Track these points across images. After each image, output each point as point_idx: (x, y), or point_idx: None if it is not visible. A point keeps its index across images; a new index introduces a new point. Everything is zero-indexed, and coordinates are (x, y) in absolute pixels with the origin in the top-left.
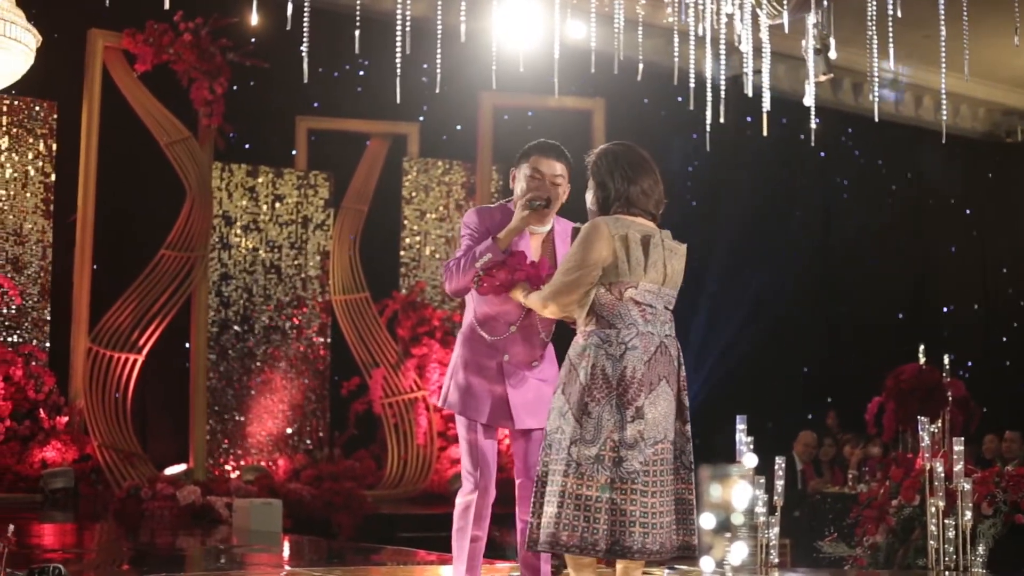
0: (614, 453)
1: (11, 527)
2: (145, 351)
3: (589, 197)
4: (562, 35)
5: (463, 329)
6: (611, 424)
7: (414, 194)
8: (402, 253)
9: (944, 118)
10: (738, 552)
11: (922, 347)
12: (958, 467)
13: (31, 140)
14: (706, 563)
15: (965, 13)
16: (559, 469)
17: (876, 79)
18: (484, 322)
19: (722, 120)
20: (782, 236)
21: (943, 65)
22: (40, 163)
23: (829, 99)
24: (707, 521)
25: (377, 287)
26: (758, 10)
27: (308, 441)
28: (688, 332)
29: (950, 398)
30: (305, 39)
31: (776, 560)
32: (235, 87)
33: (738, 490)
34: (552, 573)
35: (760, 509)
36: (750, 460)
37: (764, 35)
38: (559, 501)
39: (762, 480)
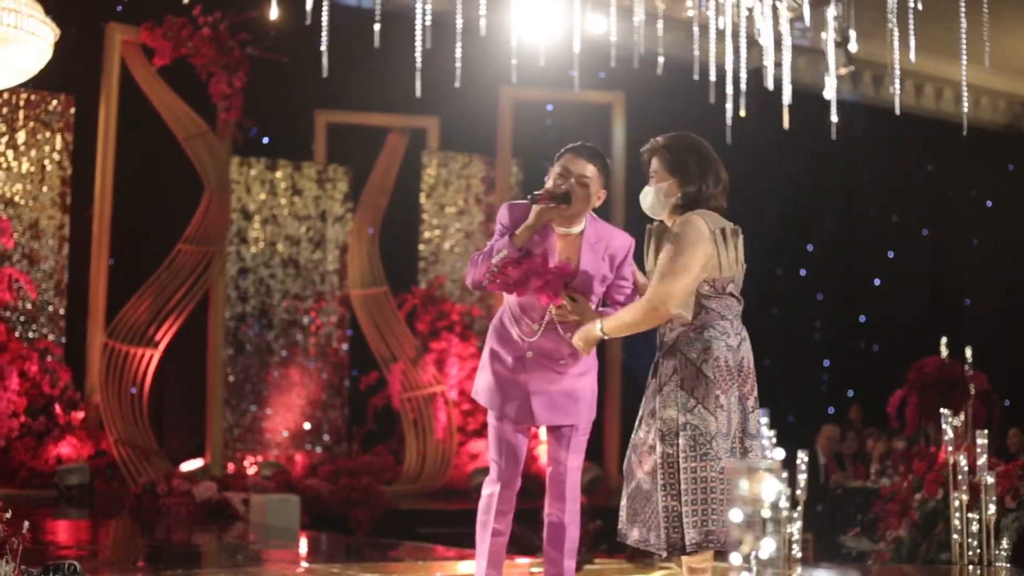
0: (741, 445)
1: (26, 523)
2: (162, 346)
3: (664, 188)
4: (582, 29)
5: (494, 320)
6: (738, 416)
7: (433, 188)
8: (421, 247)
9: (965, 110)
10: (767, 547)
11: (944, 340)
12: (981, 460)
13: (48, 134)
14: (735, 558)
15: (985, 5)
16: (701, 466)
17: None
18: (513, 316)
19: (743, 114)
20: (803, 229)
21: (964, 57)
22: (57, 157)
23: (850, 92)
24: (735, 516)
25: (396, 281)
26: (778, 3)
27: (326, 436)
28: None
29: (972, 391)
30: (324, 33)
31: (799, 555)
32: (254, 81)
33: (767, 484)
34: (575, 569)
35: (783, 504)
36: (778, 454)
37: (784, 28)
38: (707, 498)
39: (784, 475)
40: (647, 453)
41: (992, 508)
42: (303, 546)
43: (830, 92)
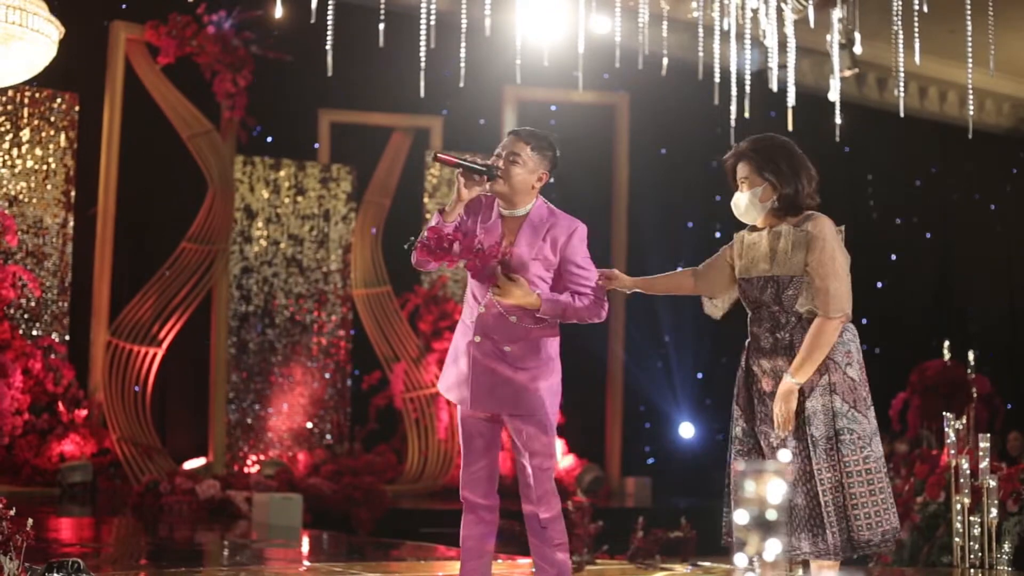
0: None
1: (29, 521)
2: (165, 344)
3: (759, 192)
4: (587, 29)
5: None
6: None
7: (437, 188)
8: None
9: (970, 113)
10: (772, 549)
11: (947, 343)
12: (983, 464)
13: (52, 132)
14: (740, 560)
15: (991, 8)
16: (871, 467)
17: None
18: (467, 301)
19: (747, 115)
20: None
21: (968, 60)
22: (61, 155)
23: (854, 94)
24: (741, 517)
25: (399, 281)
26: (783, 5)
27: (328, 435)
28: (712, 327)
29: (975, 394)
30: (329, 32)
31: (801, 557)
32: (258, 80)
33: (773, 486)
34: (574, 569)
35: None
36: (785, 455)
37: (789, 30)
38: (878, 499)
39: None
40: (791, 461)
41: (994, 512)
42: (305, 545)
43: (834, 94)
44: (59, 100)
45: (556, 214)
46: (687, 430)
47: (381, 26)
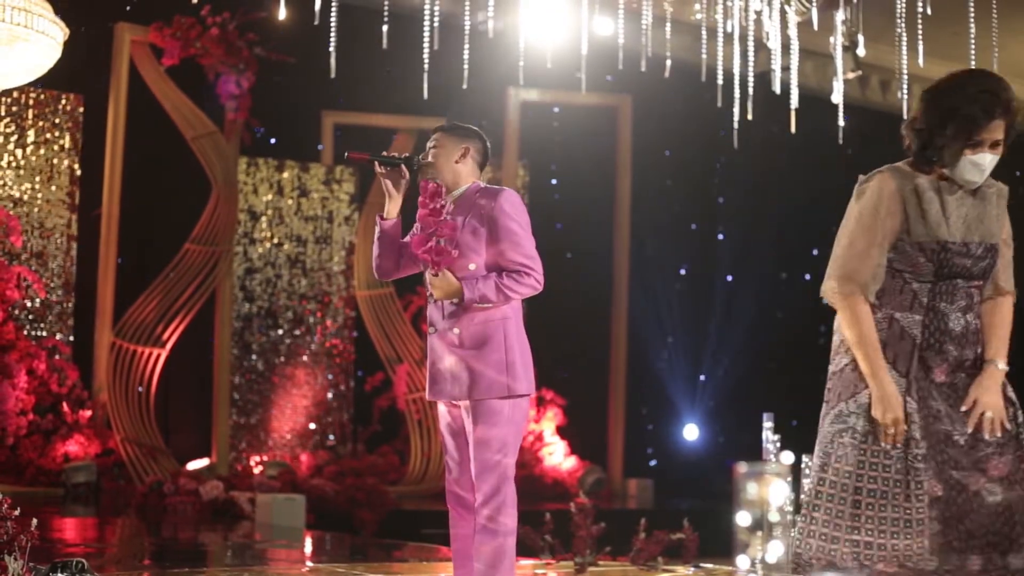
0: None
1: (34, 521)
2: (169, 345)
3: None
4: (589, 31)
5: None
6: None
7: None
8: None
9: None
10: (774, 551)
11: None
12: None
13: (57, 133)
14: (742, 561)
15: (994, 10)
16: None
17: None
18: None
19: (750, 117)
20: (809, 233)
21: (972, 62)
22: (66, 156)
23: (857, 96)
24: (743, 519)
25: (402, 282)
26: (786, 7)
27: (331, 436)
28: (712, 327)
29: None
30: (332, 34)
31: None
32: (261, 82)
33: (774, 487)
34: (576, 571)
35: (788, 507)
36: (787, 457)
37: (792, 32)
38: None
39: (789, 478)
40: (1000, 453)
41: None
42: (308, 546)
43: (837, 96)
44: (63, 101)
45: (488, 188)
46: (691, 432)
47: (384, 27)
